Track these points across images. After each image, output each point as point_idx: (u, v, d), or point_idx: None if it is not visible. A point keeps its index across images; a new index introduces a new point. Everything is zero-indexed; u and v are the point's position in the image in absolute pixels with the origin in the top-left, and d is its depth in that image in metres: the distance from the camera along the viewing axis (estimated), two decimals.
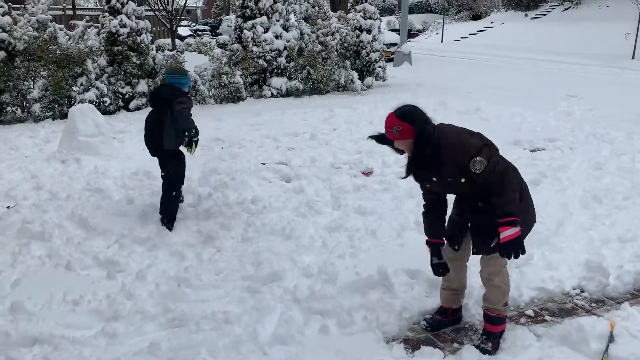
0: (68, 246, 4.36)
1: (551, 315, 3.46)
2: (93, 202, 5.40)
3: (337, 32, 12.61)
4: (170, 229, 4.73)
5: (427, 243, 3.21)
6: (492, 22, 31.92)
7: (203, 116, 9.87)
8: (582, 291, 3.74)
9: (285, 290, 3.63)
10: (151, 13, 15.91)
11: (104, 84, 10.12)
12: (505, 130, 8.38)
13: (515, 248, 2.78)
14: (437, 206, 3.16)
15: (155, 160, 5.15)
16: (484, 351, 3.02)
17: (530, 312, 3.47)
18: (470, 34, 30.79)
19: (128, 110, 10.39)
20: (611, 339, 3.00)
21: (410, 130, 2.86)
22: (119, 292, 3.61)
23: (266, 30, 11.71)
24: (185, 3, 17.42)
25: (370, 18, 12.90)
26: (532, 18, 30.32)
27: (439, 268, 3.17)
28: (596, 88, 13.03)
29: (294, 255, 4.16)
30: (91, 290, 3.63)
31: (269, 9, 11.80)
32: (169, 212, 4.86)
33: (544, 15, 30.10)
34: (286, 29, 12.00)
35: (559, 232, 4.58)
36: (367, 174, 6.31)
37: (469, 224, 3.03)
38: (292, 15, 12.35)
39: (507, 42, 25.99)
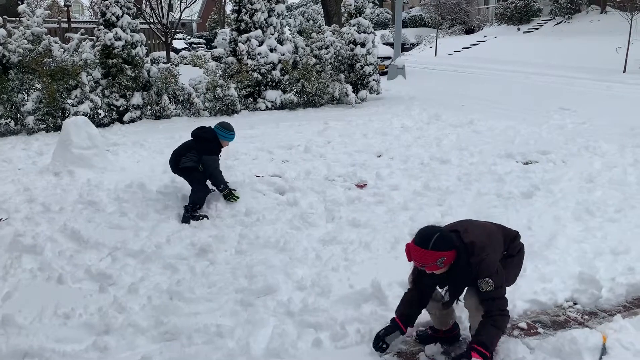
0: (60, 259, 4.34)
1: (544, 327, 3.47)
2: (86, 214, 5.38)
3: (332, 45, 12.69)
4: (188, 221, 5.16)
5: (392, 320, 3.14)
6: (485, 36, 32.25)
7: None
8: (575, 303, 3.75)
9: (279, 304, 3.62)
10: (146, 26, 15.99)
11: (98, 97, 10.13)
12: (498, 142, 8.44)
13: None
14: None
15: (151, 174, 5.36)
16: None
17: (523, 325, 3.47)
18: (464, 48, 31.06)
19: (122, 122, 10.39)
20: (604, 351, 3.01)
21: (453, 255, 2.86)
22: (110, 305, 3.59)
23: (261, 43, 11.78)
24: (181, 16, 17.50)
25: (364, 32, 13.00)
26: (524, 32, 30.65)
27: (380, 343, 3.09)
28: (589, 101, 13.13)
29: (287, 268, 4.15)
30: (83, 304, 3.61)
31: (264, 22, 11.88)
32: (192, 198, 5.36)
33: (537, 29, 30.44)
34: (281, 42, 12.07)
35: (551, 244, 4.59)
36: (361, 186, 6.33)
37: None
38: (286, 29, 12.44)
39: (500, 55, 26.23)
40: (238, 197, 5.61)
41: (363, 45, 12.93)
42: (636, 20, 20.08)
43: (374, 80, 13.14)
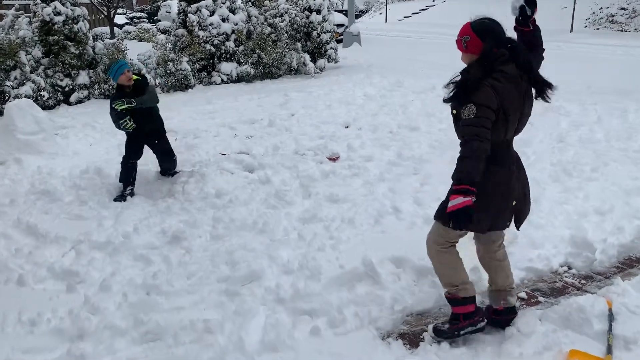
0: (17, 258, 3.93)
1: (544, 295, 3.37)
2: (40, 206, 4.95)
3: (286, 13, 12.24)
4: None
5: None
6: (433, 1, 32.19)
7: None
8: (570, 268, 3.68)
9: (267, 290, 3.37)
10: (86, 0, 15.02)
11: (41, 77, 9.40)
12: None
13: (456, 218, 2.51)
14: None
15: (106, 156, 5.07)
16: (435, 330, 2.88)
17: (523, 295, 3.36)
18: (413, 13, 30.97)
19: (69, 104, 9.72)
20: (611, 317, 2.92)
21: (479, 45, 2.63)
22: (82, 306, 3.24)
23: (212, 13, 11.20)
24: None
25: None
26: None
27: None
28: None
29: (270, 251, 3.89)
30: (50, 307, 3.24)
31: None
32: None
33: None
34: (233, 11, 11.53)
35: (535, 208, 4.45)
36: (334, 159, 6.09)
37: None
38: None
39: (449, 20, 26.18)
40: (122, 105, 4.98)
41: (318, 12, 12.53)
42: None
43: (331, 48, 12.81)
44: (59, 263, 3.80)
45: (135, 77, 5.18)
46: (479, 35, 2.63)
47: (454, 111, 2.70)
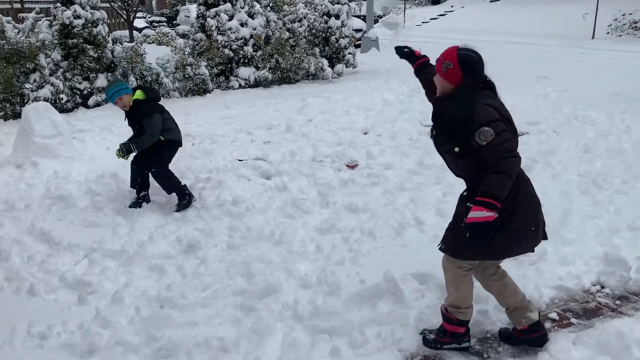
0: (30, 265, 3.85)
1: (576, 317, 3.18)
2: (55, 211, 4.87)
3: (305, 18, 12.13)
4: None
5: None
6: (452, 6, 31.90)
7: (169, 110, 9.30)
8: (603, 287, 3.48)
9: (284, 306, 3.23)
10: (106, 4, 15.08)
11: (60, 80, 9.39)
12: None
13: (478, 233, 2.41)
14: None
15: (123, 161, 5.03)
16: (425, 340, 2.88)
17: (554, 315, 3.18)
18: (432, 19, 30.67)
19: (87, 107, 9.70)
20: None
21: (458, 76, 2.55)
22: (93, 320, 3.13)
23: (231, 17, 11.14)
24: None
25: (338, 3, 12.46)
26: (490, 1, 30.40)
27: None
28: (564, 69, 12.99)
29: (287, 264, 3.76)
30: (60, 320, 3.14)
31: None
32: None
33: None
34: (251, 16, 11.45)
35: (565, 222, 4.32)
36: (352, 166, 5.94)
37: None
38: (256, 2, 11.80)
39: (469, 25, 25.99)
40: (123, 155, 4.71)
41: (337, 17, 12.40)
42: None
43: (349, 53, 12.67)
44: (72, 272, 3.70)
45: (139, 94, 4.87)
46: (462, 68, 2.56)
47: (457, 149, 2.57)
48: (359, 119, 8.23)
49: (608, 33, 21.20)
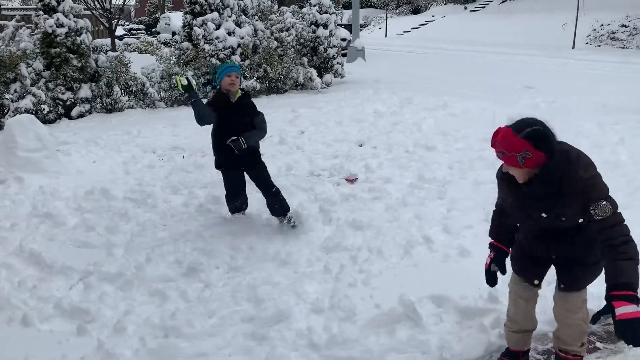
0: (21, 291, 3.61)
1: (601, 340, 3.08)
2: (44, 231, 4.63)
3: (293, 27, 12.02)
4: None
5: (491, 246, 2.74)
6: (433, 16, 32.18)
7: (156, 121, 9.10)
8: None
9: (298, 334, 3.06)
10: (88, 12, 14.77)
11: (42, 90, 9.10)
12: (479, 125, 8.08)
13: (634, 330, 2.07)
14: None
15: (112, 176, 4.62)
16: None
17: None
18: (413, 28, 30.89)
19: (70, 118, 9.41)
20: None
21: (542, 158, 2.26)
22: (95, 353, 2.91)
23: (218, 26, 10.96)
24: (125, 1, 16.33)
25: (326, 12, 12.38)
26: (471, 11, 30.76)
27: (492, 278, 2.73)
28: (549, 79, 13.10)
29: (296, 287, 3.58)
30: (60, 353, 2.92)
31: (220, 4, 11.05)
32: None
33: (483, 7, 30.61)
34: (239, 25, 11.29)
35: None
36: (352, 180, 5.81)
37: (554, 256, 2.58)
38: (242, 12, 11.65)
39: (450, 35, 26.20)
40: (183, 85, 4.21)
41: (325, 26, 12.31)
42: None
43: (337, 63, 12.58)
44: (67, 298, 3.47)
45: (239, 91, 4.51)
46: (542, 149, 2.26)
47: (564, 218, 2.38)
48: (353, 130, 8.11)
49: (587, 43, 21.53)
